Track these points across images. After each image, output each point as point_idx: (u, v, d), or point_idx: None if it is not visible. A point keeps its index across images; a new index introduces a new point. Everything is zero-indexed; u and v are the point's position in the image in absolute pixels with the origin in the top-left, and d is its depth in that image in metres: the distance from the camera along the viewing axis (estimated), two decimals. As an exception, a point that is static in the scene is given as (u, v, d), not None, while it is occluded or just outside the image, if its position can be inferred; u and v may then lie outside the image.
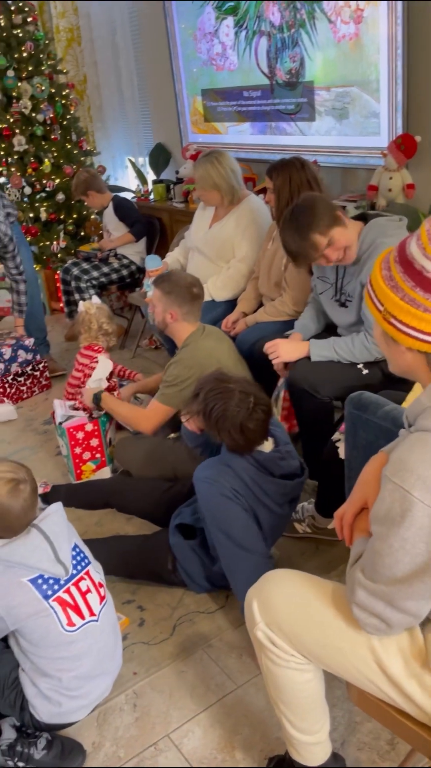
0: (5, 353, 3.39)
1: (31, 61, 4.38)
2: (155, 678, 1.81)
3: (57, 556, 1.53)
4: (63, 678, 1.54)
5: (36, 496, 1.56)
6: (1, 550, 1.51)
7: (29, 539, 1.52)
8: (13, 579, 1.50)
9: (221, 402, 1.81)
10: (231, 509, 1.81)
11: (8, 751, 1.51)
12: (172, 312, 2.40)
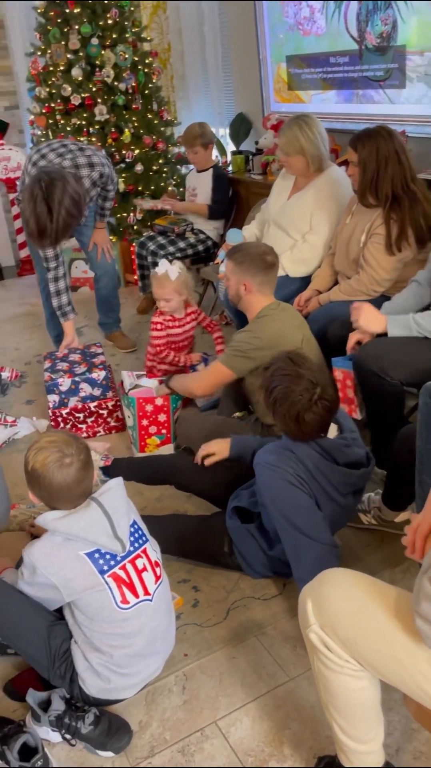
0: (62, 384, 2.82)
1: (115, 28, 4.33)
2: (206, 661, 1.78)
3: (115, 532, 1.51)
4: (114, 654, 1.53)
5: (87, 469, 1.53)
6: (60, 522, 1.50)
7: (88, 513, 1.50)
8: (71, 551, 1.50)
9: (285, 384, 1.73)
10: (295, 495, 1.74)
11: (56, 722, 1.52)
12: (246, 283, 2.31)
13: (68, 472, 1.49)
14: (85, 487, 1.54)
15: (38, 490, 1.54)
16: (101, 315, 3.83)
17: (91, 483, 1.57)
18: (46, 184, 2.69)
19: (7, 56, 5.18)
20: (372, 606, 1.13)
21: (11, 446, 2.92)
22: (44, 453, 1.51)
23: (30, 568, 1.52)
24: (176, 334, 3.02)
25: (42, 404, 3.22)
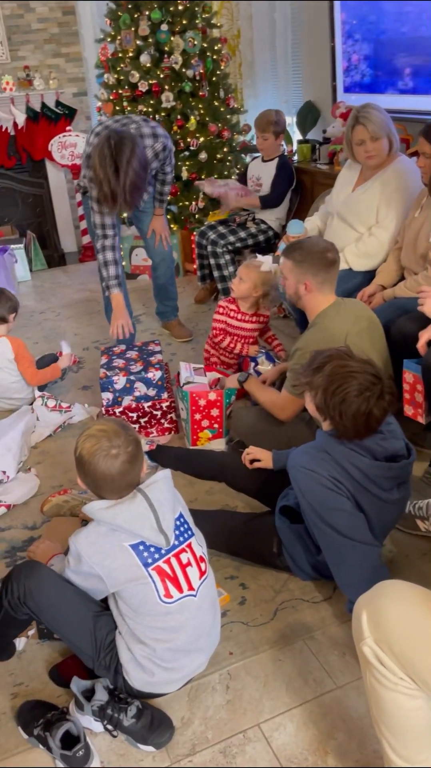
0: (117, 382, 2.75)
1: (185, 14, 4.29)
2: (251, 662, 1.74)
3: (160, 525, 1.49)
4: (157, 648, 1.51)
5: (134, 462, 1.51)
6: (106, 512, 1.49)
7: (133, 505, 1.49)
8: (115, 542, 1.49)
9: (348, 382, 1.66)
10: (332, 499, 1.68)
11: (99, 712, 1.51)
12: (306, 282, 2.22)
13: (113, 463, 1.48)
14: (131, 479, 1.53)
15: (84, 476, 1.54)
16: (158, 303, 3.81)
17: (139, 475, 1.55)
18: (115, 142, 2.68)
19: (77, 43, 5.21)
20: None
21: (66, 431, 2.95)
22: (92, 441, 1.50)
23: (75, 557, 1.52)
24: (234, 326, 3.00)
25: (98, 391, 3.24)
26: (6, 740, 1.56)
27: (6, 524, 2.34)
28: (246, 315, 2.99)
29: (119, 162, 2.68)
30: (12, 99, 4.96)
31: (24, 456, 2.70)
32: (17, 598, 1.55)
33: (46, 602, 1.54)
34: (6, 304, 3.02)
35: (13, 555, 2.17)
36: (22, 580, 1.55)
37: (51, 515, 2.32)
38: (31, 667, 1.75)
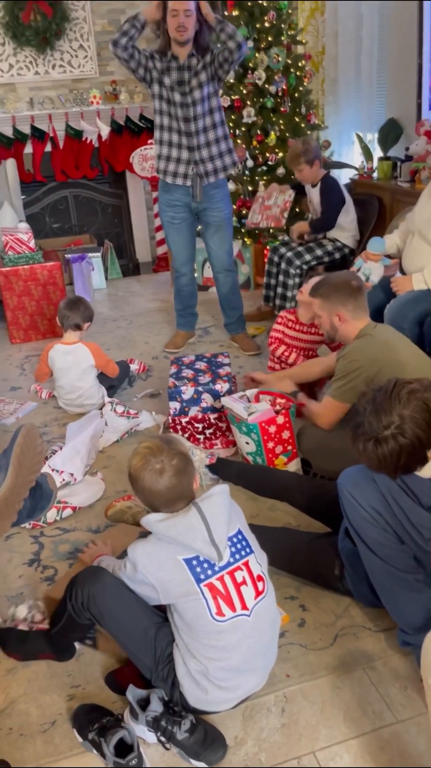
0: (185, 392, 2.76)
1: (271, 31, 4.32)
2: (308, 686, 1.70)
3: (211, 538, 1.48)
4: (209, 667, 1.50)
5: (180, 475, 1.52)
6: (160, 524, 1.50)
7: (187, 518, 1.49)
8: (170, 554, 1.50)
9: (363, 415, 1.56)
10: (371, 531, 1.66)
11: (153, 723, 1.51)
12: (339, 314, 2.29)
13: (159, 478, 1.50)
14: (180, 492, 1.53)
15: (136, 492, 1.57)
16: (224, 315, 3.84)
17: (190, 488, 1.56)
18: None
19: (163, 58, 5.32)
20: None
21: (132, 437, 2.98)
22: (138, 458, 1.54)
23: (132, 564, 1.54)
24: (292, 337, 3.02)
25: (165, 399, 3.27)
26: (61, 741, 1.58)
27: (71, 526, 2.38)
28: (304, 326, 3.01)
29: None
30: (98, 112, 5.11)
31: (91, 459, 2.75)
32: (81, 603, 1.58)
33: (109, 610, 1.56)
34: (84, 313, 3.11)
35: (76, 556, 2.20)
36: (86, 586, 1.58)
37: (114, 520, 2.35)
38: (89, 670, 1.77)
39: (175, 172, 3.39)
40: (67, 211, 5.60)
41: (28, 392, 3.46)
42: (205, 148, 3.35)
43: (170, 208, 3.51)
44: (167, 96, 3.26)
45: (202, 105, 3.26)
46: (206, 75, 3.23)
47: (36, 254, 4.07)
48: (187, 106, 3.25)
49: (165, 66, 3.21)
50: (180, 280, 3.78)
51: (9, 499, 1.70)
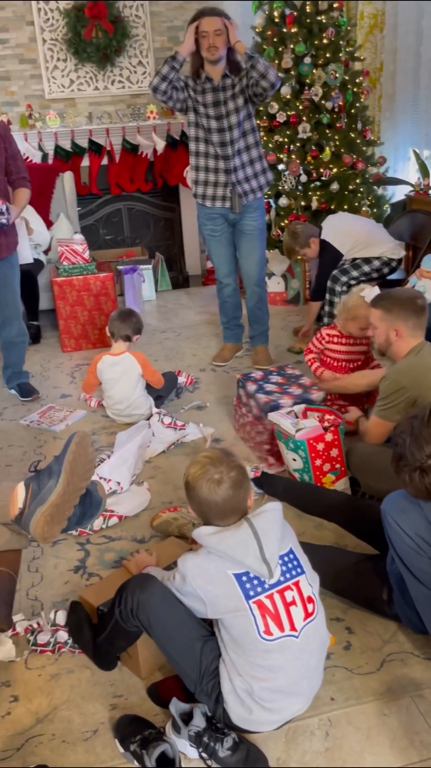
0: (284, 405, 2.67)
1: (329, 47, 4.32)
2: (353, 711, 1.66)
3: (263, 555, 1.47)
4: (255, 687, 1.48)
5: (237, 488, 1.51)
6: (211, 537, 1.49)
7: (238, 532, 1.48)
8: (220, 568, 1.49)
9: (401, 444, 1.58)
10: (415, 559, 1.61)
11: (195, 738, 1.49)
12: (397, 328, 2.28)
13: (217, 489, 1.49)
14: (236, 505, 1.52)
15: (191, 502, 1.57)
16: (249, 327, 3.85)
17: (245, 503, 1.55)
18: None
19: (220, 74, 5.38)
20: None
21: (179, 448, 2.99)
22: (196, 467, 1.53)
23: (181, 576, 1.53)
24: (333, 350, 3.01)
25: (211, 411, 3.28)
26: (102, 751, 1.58)
27: (117, 534, 2.39)
28: (350, 338, 3.01)
29: None
30: (154, 127, 5.19)
31: (138, 469, 2.77)
32: (129, 610, 1.58)
33: (156, 618, 1.56)
34: (135, 325, 3.16)
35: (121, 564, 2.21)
36: (136, 593, 1.58)
37: (159, 531, 2.35)
38: (131, 680, 1.77)
39: (214, 195, 3.48)
40: (120, 223, 5.69)
41: (78, 400, 3.50)
42: (241, 169, 3.42)
43: (209, 221, 3.57)
44: (204, 122, 3.33)
45: (239, 128, 3.33)
46: (242, 99, 3.29)
47: (90, 265, 4.15)
48: (223, 131, 3.31)
49: (200, 88, 3.29)
50: (223, 291, 3.80)
51: (60, 505, 1.72)
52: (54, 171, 4.95)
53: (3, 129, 3.07)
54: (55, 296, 4.12)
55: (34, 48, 4.98)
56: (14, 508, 1.73)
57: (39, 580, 2.17)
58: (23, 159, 3.22)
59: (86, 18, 4.86)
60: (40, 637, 1.88)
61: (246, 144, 3.40)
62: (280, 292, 4.88)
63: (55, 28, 4.94)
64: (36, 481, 1.76)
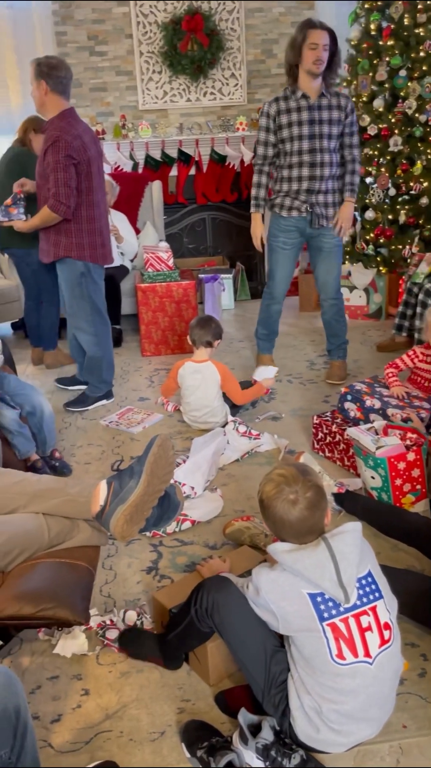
0: (395, 418, 2.68)
1: (426, 60, 4.24)
2: (427, 741, 1.60)
3: (340, 579, 1.43)
4: (323, 707, 1.45)
5: (313, 509, 1.48)
6: (287, 555, 1.47)
7: (315, 552, 1.45)
8: (295, 587, 1.46)
9: None
10: None
11: (262, 751, 1.47)
12: None
13: (290, 509, 1.47)
14: (312, 525, 1.49)
15: (266, 519, 1.54)
16: (327, 341, 3.81)
17: (322, 522, 1.52)
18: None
19: (311, 87, 5.38)
20: None
21: (252, 457, 2.98)
22: (271, 485, 1.51)
23: (255, 588, 1.52)
24: (423, 370, 2.93)
25: (286, 422, 3.26)
26: (169, 753, 1.58)
27: (189, 539, 2.41)
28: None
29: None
30: (243, 138, 5.24)
31: (212, 476, 2.78)
32: (205, 609, 1.58)
33: (230, 621, 1.55)
34: (215, 330, 3.18)
35: (193, 569, 2.22)
36: (212, 593, 1.58)
37: (232, 539, 2.35)
38: (200, 686, 1.77)
39: (291, 206, 3.45)
40: (204, 232, 5.76)
41: (155, 403, 3.56)
42: (323, 194, 3.42)
43: (283, 233, 3.54)
44: (296, 140, 3.33)
45: (330, 154, 3.37)
46: (337, 128, 3.33)
47: (173, 272, 4.21)
48: (314, 152, 3.33)
49: (295, 105, 3.30)
50: (272, 308, 3.80)
51: (139, 505, 1.75)
52: (143, 180, 5.07)
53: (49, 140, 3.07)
54: (138, 301, 4.21)
55: (131, 60, 5.13)
56: (95, 505, 1.77)
57: (112, 577, 2.21)
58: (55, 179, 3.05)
59: (183, 31, 4.97)
60: (110, 633, 1.92)
61: (331, 160, 3.38)
62: (361, 306, 4.81)
63: (152, 41, 5.08)
64: (118, 480, 1.80)
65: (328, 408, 3.38)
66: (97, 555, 1.80)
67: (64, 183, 3.04)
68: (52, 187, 3.04)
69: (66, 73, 3.10)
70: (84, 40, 5.07)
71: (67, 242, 3.20)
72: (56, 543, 1.75)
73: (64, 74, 3.09)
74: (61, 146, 3.01)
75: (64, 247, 3.21)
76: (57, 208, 3.06)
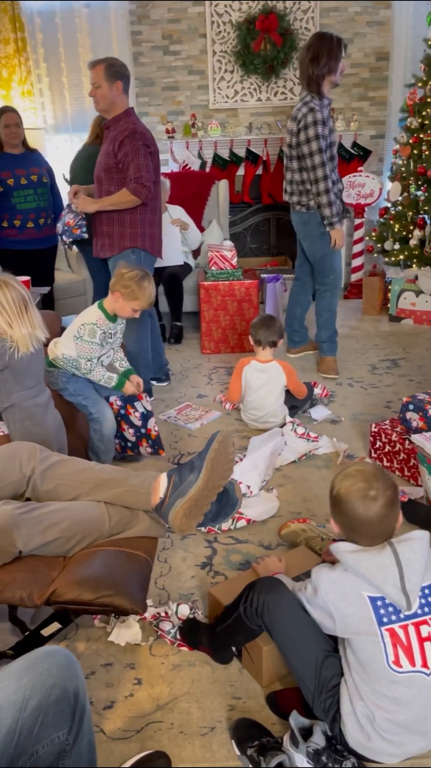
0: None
1: None
2: None
3: (403, 585, 1.40)
4: (376, 715, 1.42)
5: (392, 507, 1.45)
6: (351, 555, 1.45)
7: (380, 556, 1.43)
8: (356, 588, 1.44)
9: None
10: None
11: (313, 756, 1.46)
12: None
13: (371, 505, 1.44)
14: (387, 526, 1.47)
15: (340, 517, 1.51)
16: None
17: (394, 524, 1.49)
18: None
19: (385, 87, 5.30)
20: None
21: (310, 460, 2.95)
22: (350, 480, 1.48)
23: (313, 588, 1.51)
24: None
25: (345, 426, 3.21)
26: (218, 749, 1.58)
27: (244, 537, 2.40)
28: None
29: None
30: (312, 138, 5.19)
31: (268, 476, 2.77)
32: (255, 608, 1.58)
33: (281, 622, 1.54)
34: (279, 329, 3.18)
35: (247, 568, 2.22)
36: (263, 594, 1.58)
37: (287, 540, 2.34)
38: (251, 685, 1.76)
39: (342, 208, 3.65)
40: (268, 232, 5.74)
41: (213, 401, 3.57)
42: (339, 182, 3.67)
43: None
44: (334, 143, 3.55)
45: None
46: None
47: (237, 271, 4.22)
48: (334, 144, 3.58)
49: (328, 114, 3.53)
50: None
51: (198, 500, 1.76)
52: (211, 179, 5.09)
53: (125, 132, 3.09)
54: (200, 299, 4.23)
55: (204, 60, 5.16)
56: (155, 497, 1.79)
57: (167, 570, 2.23)
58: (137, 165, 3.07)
59: (256, 30, 4.97)
60: (163, 624, 1.93)
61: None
62: (428, 311, 4.69)
63: (225, 40, 5.10)
64: (178, 474, 1.81)
65: (390, 414, 3.31)
66: (155, 546, 1.81)
67: (146, 168, 3.09)
68: (135, 172, 3.07)
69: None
70: (158, 40, 5.13)
71: (131, 233, 3.23)
72: (116, 532, 1.78)
73: (129, 74, 3.19)
74: (138, 137, 3.07)
75: (129, 238, 3.24)
76: (139, 191, 3.09)
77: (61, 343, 2.66)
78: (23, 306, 2.13)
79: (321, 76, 3.43)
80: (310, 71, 3.43)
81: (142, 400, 2.81)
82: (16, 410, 2.25)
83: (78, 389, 2.69)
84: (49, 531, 1.69)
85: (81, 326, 2.59)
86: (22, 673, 1.14)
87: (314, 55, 3.40)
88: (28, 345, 2.16)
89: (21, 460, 1.84)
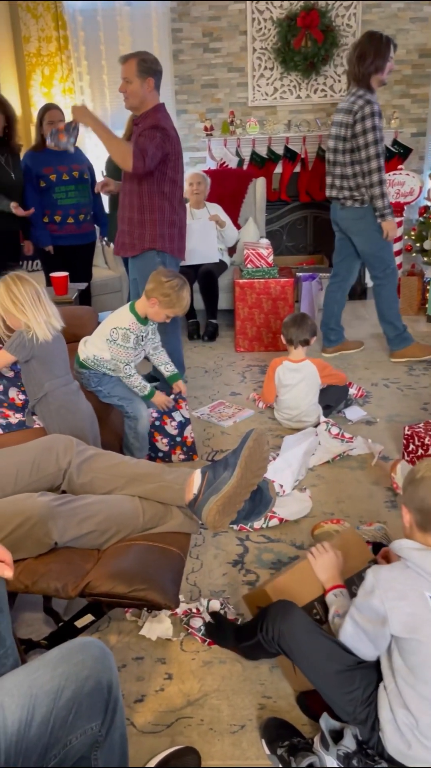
0: None
1: None
2: None
3: None
4: (420, 721, 1.39)
5: None
6: (415, 553, 1.43)
7: None
8: (417, 587, 1.40)
9: None
10: None
11: (344, 759, 1.44)
12: None
13: None
14: None
15: (411, 503, 1.46)
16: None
17: None
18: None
19: (427, 84, 5.22)
20: None
21: (344, 460, 2.93)
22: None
23: (368, 589, 1.45)
24: None
25: (380, 427, 3.17)
26: (248, 747, 1.58)
27: (276, 536, 2.39)
28: None
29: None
30: (351, 136, 5.14)
31: (301, 475, 2.75)
32: (271, 637, 1.57)
33: (299, 648, 1.53)
34: (311, 328, 3.16)
35: (278, 567, 2.21)
36: (277, 623, 1.56)
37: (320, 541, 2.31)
38: (281, 684, 1.75)
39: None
40: (304, 231, 5.71)
41: (246, 399, 3.56)
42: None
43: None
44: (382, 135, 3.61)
45: None
46: None
47: (272, 269, 4.20)
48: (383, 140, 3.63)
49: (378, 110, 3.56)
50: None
51: (232, 497, 1.76)
52: (248, 176, 5.08)
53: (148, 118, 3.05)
54: (235, 297, 4.22)
55: (244, 57, 5.15)
56: (189, 494, 1.79)
57: (199, 566, 2.24)
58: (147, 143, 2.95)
59: (298, 27, 4.93)
60: (193, 621, 1.93)
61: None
62: (466, 313, 4.61)
63: (265, 37, 5.07)
64: (212, 471, 1.81)
65: (426, 416, 3.26)
66: (188, 542, 1.81)
67: (154, 153, 2.96)
68: (143, 145, 2.93)
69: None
70: (199, 37, 5.13)
71: (151, 233, 3.19)
72: (150, 526, 1.78)
73: (161, 70, 3.12)
74: (158, 132, 2.99)
75: (149, 239, 3.21)
76: (137, 162, 2.92)
77: (92, 343, 2.67)
78: (37, 297, 2.28)
79: (368, 74, 3.47)
80: (357, 69, 3.48)
81: (181, 409, 2.82)
82: (49, 400, 2.29)
83: (111, 390, 2.70)
84: (84, 523, 1.70)
85: (113, 330, 2.60)
86: (57, 663, 1.15)
87: (361, 54, 3.45)
88: (46, 332, 2.26)
89: (58, 452, 1.86)
